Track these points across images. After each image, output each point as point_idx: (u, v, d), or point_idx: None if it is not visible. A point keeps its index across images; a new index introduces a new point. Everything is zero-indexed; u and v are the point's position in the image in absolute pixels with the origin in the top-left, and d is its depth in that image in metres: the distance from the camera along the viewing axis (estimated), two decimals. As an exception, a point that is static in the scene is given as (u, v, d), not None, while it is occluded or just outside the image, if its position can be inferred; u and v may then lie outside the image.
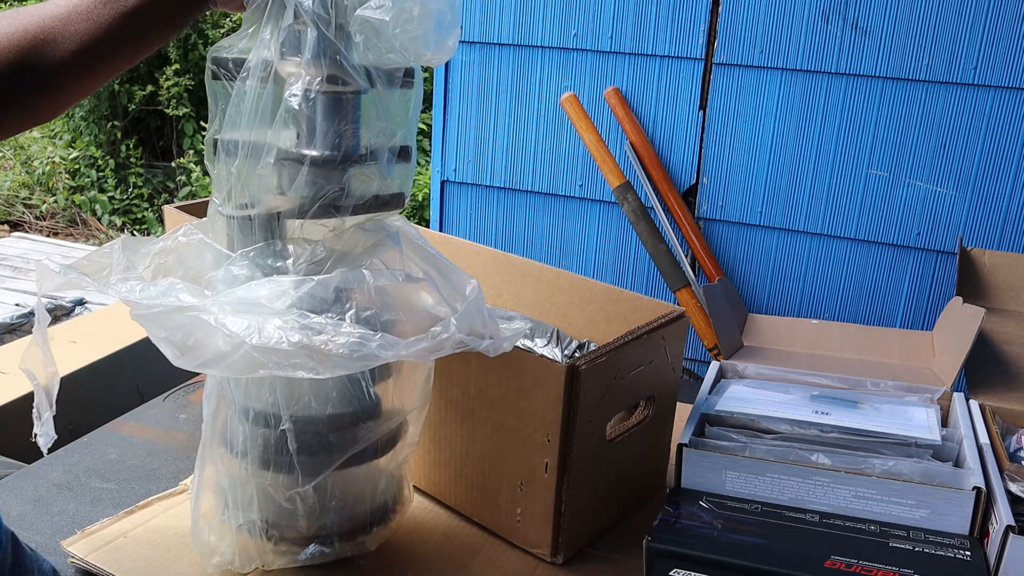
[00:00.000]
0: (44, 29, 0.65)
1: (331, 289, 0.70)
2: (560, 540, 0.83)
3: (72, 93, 0.68)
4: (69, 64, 0.65)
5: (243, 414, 0.75)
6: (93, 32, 0.65)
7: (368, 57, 0.72)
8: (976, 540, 0.79)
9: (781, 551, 0.77)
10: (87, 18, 0.65)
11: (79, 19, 0.65)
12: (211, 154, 0.74)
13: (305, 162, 0.71)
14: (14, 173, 4.75)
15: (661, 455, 0.97)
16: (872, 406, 0.97)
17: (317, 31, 0.68)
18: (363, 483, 0.80)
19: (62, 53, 0.65)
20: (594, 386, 0.80)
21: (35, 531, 0.85)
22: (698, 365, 1.88)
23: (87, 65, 0.66)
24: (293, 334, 0.64)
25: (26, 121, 0.67)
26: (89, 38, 0.65)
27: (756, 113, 1.72)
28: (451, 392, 0.86)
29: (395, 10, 0.68)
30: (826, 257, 1.75)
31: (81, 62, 0.66)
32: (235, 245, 0.74)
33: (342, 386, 0.75)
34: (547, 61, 1.85)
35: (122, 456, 1.00)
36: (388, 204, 0.76)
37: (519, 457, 0.82)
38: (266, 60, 0.70)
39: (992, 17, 1.52)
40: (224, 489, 0.78)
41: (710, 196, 1.80)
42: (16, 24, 0.65)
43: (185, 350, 0.66)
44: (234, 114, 0.71)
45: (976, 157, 1.60)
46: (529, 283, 1.12)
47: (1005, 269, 1.25)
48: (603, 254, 1.92)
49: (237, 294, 0.68)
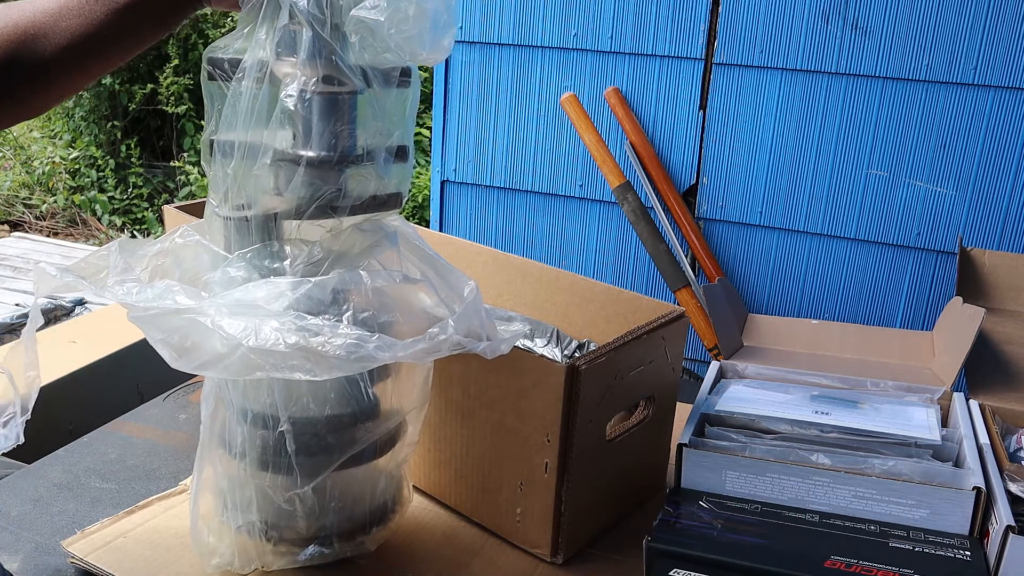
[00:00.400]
0: (35, 24, 0.65)
1: (328, 290, 0.70)
2: (560, 540, 0.83)
3: (62, 89, 0.68)
4: (59, 60, 0.65)
5: (241, 415, 0.75)
6: (84, 28, 0.65)
7: (364, 57, 0.71)
8: (976, 540, 0.79)
9: (781, 551, 0.77)
10: (79, 14, 0.65)
11: (70, 15, 0.65)
12: (207, 155, 0.73)
13: (301, 163, 0.71)
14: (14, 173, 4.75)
15: (661, 455, 0.97)
16: (872, 406, 0.97)
17: (312, 31, 0.68)
18: (362, 484, 0.80)
19: (52, 49, 0.65)
20: (594, 386, 0.80)
21: (35, 531, 0.85)
22: (698, 365, 1.88)
23: (78, 61, 0.66)
24: (290, 336, 0.64)
25: (16, 116, 0.67)
26: (80, 34, 0.65)
27: (756, 113, 1.72)
28: (451, 392, 0.86)
29: (390, 10, 0.68)
30: (826, 257, 1.75)
31: (72, 58, 0.66)
32: (232, 246, 0.74)
33: (340, 387, 0.75)
34: (547, 61, 1.85)
35: (122, 456, 1.00)
36: (385, 204, 0.76)
37: (519, 457, 0.82)
38: (262, 60, 0.69)
39: (992, 17, 1.52)
40: (223, 490, 0.78)
41: (710, 196, 1.80)
42: (6, 19, 0.65)
43: (182, 352, 0.66)
44: (230, 115, 0.70)
45: (976, 157, 1.60)
46: (529, 283, 1.12)
47: (1005, 269, 1.25)
48: (603, 254, 1.92)
49: (234, 296, 0.68)
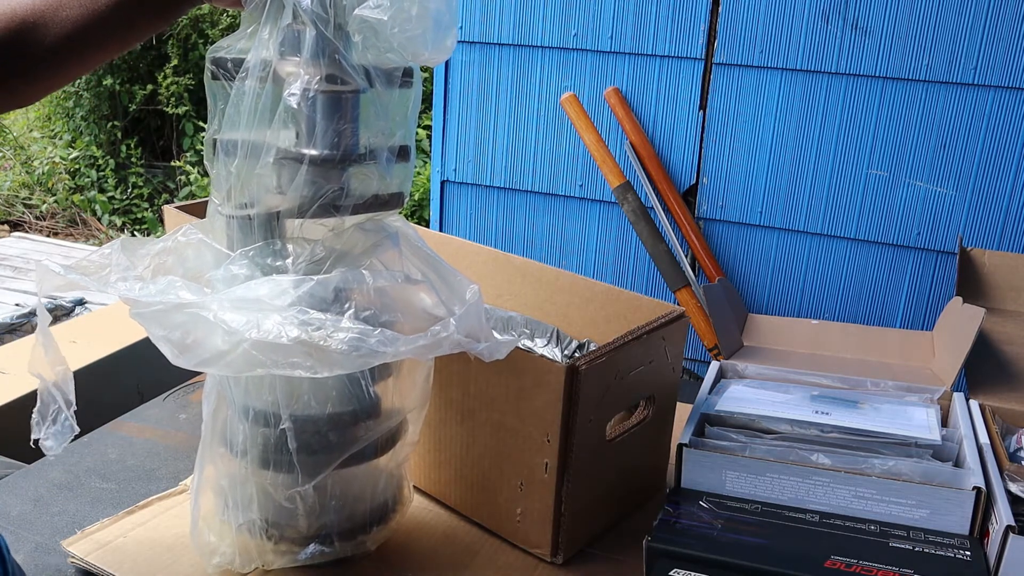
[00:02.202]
0: (35, 12, 0.65)
1: (330, 289, 0.70)
2: (560, 540, 0.83)
3: (58, 77, 0.68)
4: (58, 49, 0.65)
5: (243, 413, 0.75)
6: (85, 18, 0.65)
7: (367, 57, 0.72)
8: (976, 540, 0.79)
9: (781, 551, 0.77)
10: (80, 4, 0.65)
11: (71, 5, 0.65)
12: (210, 154, 0.74)
13: (304, 161, 0.71)
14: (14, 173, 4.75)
15: (661, 455, 0.97)
16: (872, 406, 0.97)
17: (316, 30, 0.68)
18: (363, 482, 0.80)
19: (52, 38, 0.65)
20: (594, 386, 0.80)
21: (35, 531, 0.85)
22: (698, 365, 1.88)
23: (76, 51, 0.66)
24: (292, 329, 0.64)
25: (11, 102, 0.67)
26: (81, 24, 0.65)
27: (756, 113, 1.72)
28: (451, 392, 0.86)
29: (393, 10, 0.68)
30: (826, 257, 1.75)
31: (70, 47, 0.66)
32: (235, 245, 0.74)
33: (342, 385, 0.75)
34: (547, 61, 1.85)
35: (122, 456, 1.00)
36: (388, 204, 0.76)
37: (519, 457, 0.82)
38: (265, 60, 0.70)
39: (992, 17, 1.52)
40: (224, 489, 0.78)
41: (710, 196, 1.80)
42: (5, 6, 0.65)
43: (184, 349, 0.66)
44: (233, 114, 0.71)
45: (976, 157, 1.60)
46: (529, 283, 1.12)
47: (1005, 269, 1.25)
48: (603, 254, 1.92)
49: (237, 292, 0.68)
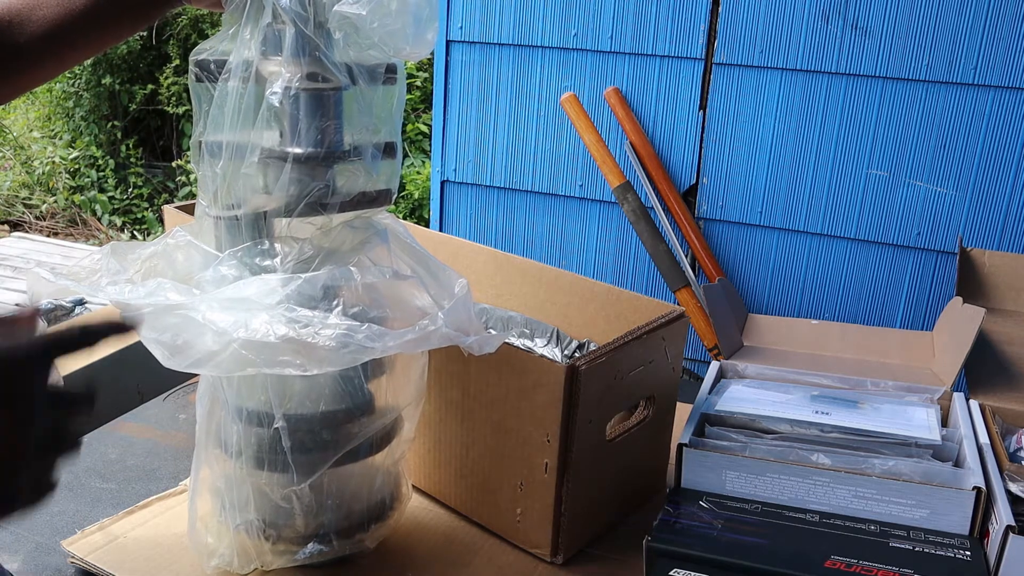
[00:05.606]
0: (11, 11, 0.65)
1: (319, 286, 0.70)
2: (560, 540, 0.83)
3: (34, 76, 0.67)
4: (34, 48, 0.65)
5: (236, 414, 0.75)
6: (63, 18, 0.65)
7: (348, 54, 0.72)
8: (976, 540, 0.79)
9: (781, 551, 0.77)
10: (56, 3, 0.65)
11: (48, 4, 0.65)
12: (196, 156, 0.74)
13: (289, 160, 0.71)
14: (14, 173, 4.75)
15: (661, 455, 0.97)
16: (872, 406, 0.97)
17: (296, 28, 0.69)
18: (359, 480, 0.79)
19: (28, 37, 0.65)
20: (594, 386, 0.80)
21: (35, 531, 0.85)
22: (698, 365, 1.88)
23: (53, 50, 0.66)
24: (280, 327, 0.64)
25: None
26: (58, 24, 0.65)
27: (756, 113, 1.72)
28: (451, 392, 0.86)
29: (372, 5, 0.68)
30: (826, 257, 1.75)
31: (47, 47, 0.65)
32: (223, 246, 0.74)
33: (335, 383, 0.75)
34: (547, 61, 1.85)
35: (122, 456, 1.00)
36: (375, 201, 0.76)
37: (519, 457, 0.82)
38: (247, 60, 0.70)
39: (992, 17, 1.52)
40: (220, 490, 0.78)
41: (710, 196, 1.80)
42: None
43: (175, 350, 0.66)
44: (217, 115, 0.71)
45: (976, 157, 1.60)
46: (529, 283, 1.12)
47: (1005, 269, 1.25)
48: (603, 254, 1.92)
49: (225, 293, 0.68)
